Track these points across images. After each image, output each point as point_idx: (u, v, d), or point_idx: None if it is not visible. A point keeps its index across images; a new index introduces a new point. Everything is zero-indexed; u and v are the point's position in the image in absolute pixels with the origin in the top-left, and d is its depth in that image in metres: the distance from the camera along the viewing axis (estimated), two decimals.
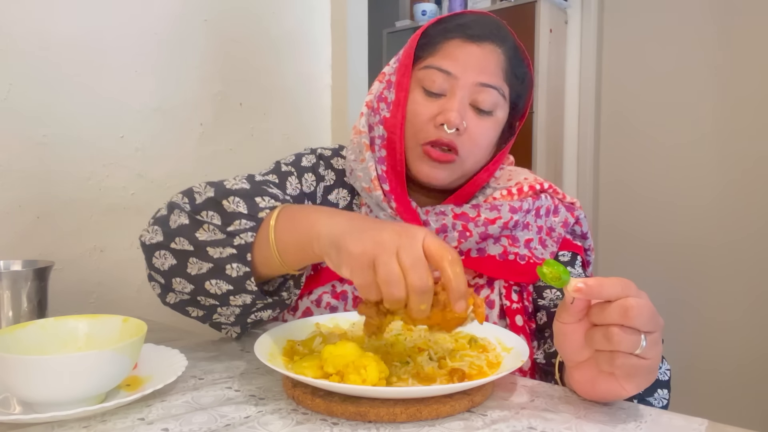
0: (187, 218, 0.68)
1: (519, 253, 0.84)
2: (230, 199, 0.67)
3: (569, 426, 0.54)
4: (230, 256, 0.65)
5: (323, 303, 0.83)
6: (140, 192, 1.21)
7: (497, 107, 0.83)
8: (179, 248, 0.67)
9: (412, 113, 0.83)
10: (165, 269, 0.69)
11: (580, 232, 0.92)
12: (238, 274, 0.66)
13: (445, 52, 0.82)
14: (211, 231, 0.66)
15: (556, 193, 0.91)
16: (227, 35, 1.35)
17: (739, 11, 2.25)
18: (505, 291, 0.82)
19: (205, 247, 0.66)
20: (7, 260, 0.85)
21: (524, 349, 0.64)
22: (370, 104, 0.88)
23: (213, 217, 0.67)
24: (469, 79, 0.80)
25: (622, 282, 0.51)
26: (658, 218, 2.43)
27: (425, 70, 0.83)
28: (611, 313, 0.50)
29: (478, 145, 0.83)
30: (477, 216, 0.83)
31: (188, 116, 1.29)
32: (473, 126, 0.81)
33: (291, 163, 0.89)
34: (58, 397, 0.53)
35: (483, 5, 2.57)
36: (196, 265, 0.67)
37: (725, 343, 2.28)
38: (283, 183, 0.85)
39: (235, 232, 0.65)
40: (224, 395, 0.60)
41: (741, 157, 2.26)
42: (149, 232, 0.71)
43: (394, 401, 0.54)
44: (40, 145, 1.06)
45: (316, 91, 1.58)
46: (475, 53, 0.81)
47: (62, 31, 1.08)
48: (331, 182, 0.90)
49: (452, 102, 0.80)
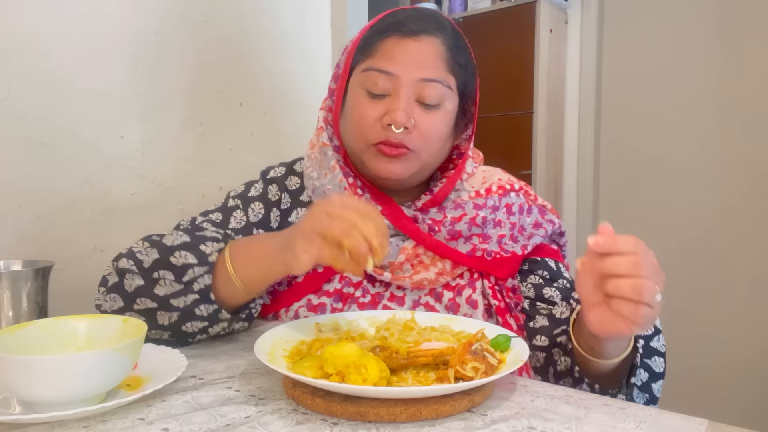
0: (141, 279, 0.72)
1: (487, 249, 0.85)
2: (176, 254, 0.71)
3: (569, 426, 0.54)
4: (194, 301, 0.71)
5: (301, 318, 0.83)
6: (140, 192, 1.21)
7: (444, 99, 0.82)
8: (143, 308, 0.72)
9: (359, 116, 0.82)
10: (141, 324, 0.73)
11: (558, 232, 0.93)
12: (208, 312, 0.72)
13: (383, 52, 0.81)
14: (168, 285, 0.71)
15: (528, 194, 0.92)
16: (227, 35, 1.35)
17: (739, 10, 2.25)
18: (491, 292, 0.84)
19: (168, 300, 0.71)
20: (7, 260, 0.85)
21: (524, 349, 0.64)
22: (327, 120, 0.90)
23: (165, 274, 0.71)
24: (411, 75, 0.80)
25: (634, 239, 0.56)
26: (658, 218, 2.43)
27: (365, 73, 0.82)
28: (624, 264, 0.55)
29: (429, 139, 0.83)
30: (444, 218, 0.85)
31: (188, 116, 1.29)
32: (422, 122, 0.81)
33: (238, 196, 0.91)
34: (58, 397, 0.53)
35: (483, 5, 2.57)
36: (165, 316, 0.72)
37: (725, 343, 2.28)
38: (227, 219, 0.88)
39: (191, 281, 0.70)
40: (224, 395, 0.60)
41: (742, 156, 2.26)
42: (107, 301, 0.74)
43: (394, 401, 0.54)
44: (40, 145, 1.06)
45: (316, 91, 1.58)
46: (413, 49, 0.80)
47: (62, 31, 1.08)
48: (287, 205, 0.91)
49: (397, 101, 0.80)
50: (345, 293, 0.84)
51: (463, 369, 0.57)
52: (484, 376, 0.57)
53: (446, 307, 0.83)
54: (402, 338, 0.68)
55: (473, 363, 0.58)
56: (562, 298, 0.84)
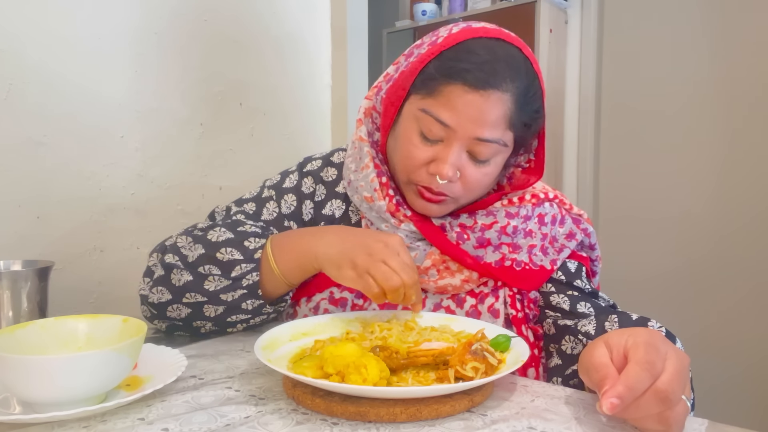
0: (189, 275, 0.77)
1: (517, 259, 0.83)
2: (222, 250, 0.77)
3: (569, 426, 0.54)
4: (242, 295, 0.77)
5: (321, 309, 0.84)
6: (140, 192, 1.21)
7: (497, 154, 0.79)
8: (192, 301, 0.78)
9: (407, 153, 0.79)
10: (183, 317, 0.80)
11: (588, 243, 0.90)
12: (253, 306, 0.78)
13: (445, 99, 0.75)
14: (217, 281, 0.76)
15: (562, 203, 0.90)
16: (227, 35, 1.35)
17: (739, 12, 2.25)
18: (510, 300, 0.82)
19: (218, 294, 0.77)
20: (7, 260, 0.85)
21: (524, 349, 0.64)
22: (368, 112, 0.88)
23: (211, 269, 0.77)
24: (468, 132, 0.75)
25: (647, 367, 0.50)
26: (658, 219, 2.43)
27: (422, 113, 0.77)
28: (651, 405, 0.49)
29: (472, 190, 0.81)
30: (474, 224, 0.83)
31: (188, 116, 1.29)
32: (468, 174, 0.79)
33: (273, 186, 0.92)
34: (58, 397, 0.53)
35: (483, 5, 2.57)
36: (212, 309, 0.78)
37: (725, 343, 2.28)
38: (260, 209, 0.90)
39: (239, 277, 0.76)
40: (224, 395, 0.60)
41: (741, 157, 2.26)
42: (154, 293, 0.79)
43: (394, 401, 0.54)
44: (40, 145, 1.06)
45: (316, 91, 1.58)
46: (477, 105, 0.74)
47: (62, 31, 1.08)
48: (322, 197, 0.91)
49: (447, 153, 0.76)
50: None
51: (463, 369, 0.57)
52: (484, 376, 0.57)
53: (467, 314, 0.82)
54: (402, 338, 0.68)
55: (473, 363, 0.58)
56: (570, 309, 0.82)
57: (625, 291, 2.16)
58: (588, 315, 0.80)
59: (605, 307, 0.83)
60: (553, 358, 0.81)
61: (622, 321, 0.75)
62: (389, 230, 0.84)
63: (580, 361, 0.58)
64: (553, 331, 0.82)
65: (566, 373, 0.77)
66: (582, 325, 0.78)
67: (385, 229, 0.84)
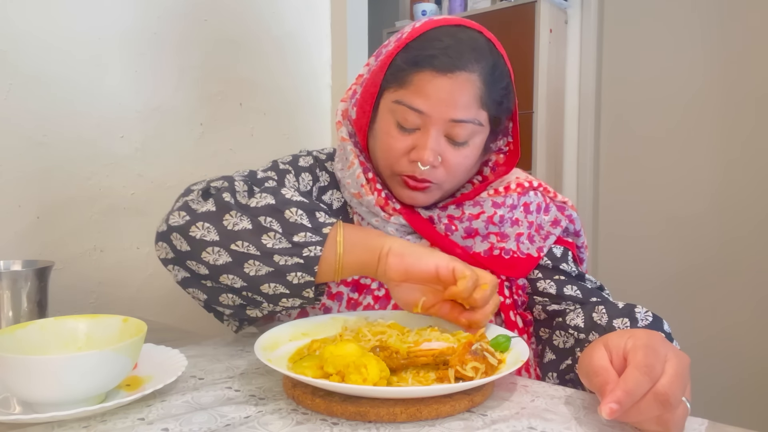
0: (249, 223, 0.68)
1: (505, 248, 0.85)
2: (292, 210, 0.69)
3: (569, 426, 0.54)
4: (296, 264, 0.67)
5: (318, 304, 0.84)
6: (140, 192, 1.21)
7: (474, 135, 0.81)
8: (241, 251, 0.67)
9: (387, 146, 0.82)
10: (218, 264, 0.68)
11: (573, 230, 0.92)
12: (299, 281, 0.68)
13: (416, 87, 0.78)
14: (276, 239, 0.67)
15: (546, 192, 0.92)
16: (227, 35, 1.35)
17: (739, 11, 2.25)
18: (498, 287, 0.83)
19: (272, 254, 0.67)
20: (7, 260, 0.85)
21: (524, 349, 0.64)
22: (346, 114, 0.89)
23: (272, 223, 0.68)
24: (442, 115, 0.78)
25: (646, 370, 0.50)
26: (658, 218, 2.43)
27: (396, 105, 0.80)
28: (651, 408, 0.49)
29: (455, 173, 0.83)
30: (462, 214, 0.85)
31: (188, 116, 1.29)
32: (449, 158, 0.81)
33: (289, 162, 0.90)
34: (58, 397, 0.53)
35: (483, 5, 2.57)
36: (254, 267, 0.68)
37: (725, 343, 2.28)
38: (282, 180, 0.87)
39: (303, 244, 0.67)
40: (224, 395, 0.60)
41: (742, 156, 2.26)
42: (200, 229, 0.69)
43: (394, 401, 0.54)
44: (40, 145, 1.06)
45: (316, 91, 1.58)
46: (447, 88, 0.77)
47: (62, 31, 1.08)
48: (325, 183, 0.91)
49: (426, 139, 0.79)
50: (362, 284, 0.85)
51: (463, 369, 0.57)
52: (484, 376, 0.57)
53: None
54: (402, 338, 0.68)
55: (473, 363, 0.58)
56: (556, 293, 0.84)
57: (625, 291, 2.16)
58: (575, 297, 0.82)
59: (592, 289, 0.84)
60: (546, 354, 0.82)
61: (609, 310, 0.76)
62: (379, 224, 0.85)
63: (579, 364, 0.59)
64: (544, 316, 0.84)
65: (561, 368, 0.79)
66: (571, 318, 0.79)
67: (375, 223, 0.86)
